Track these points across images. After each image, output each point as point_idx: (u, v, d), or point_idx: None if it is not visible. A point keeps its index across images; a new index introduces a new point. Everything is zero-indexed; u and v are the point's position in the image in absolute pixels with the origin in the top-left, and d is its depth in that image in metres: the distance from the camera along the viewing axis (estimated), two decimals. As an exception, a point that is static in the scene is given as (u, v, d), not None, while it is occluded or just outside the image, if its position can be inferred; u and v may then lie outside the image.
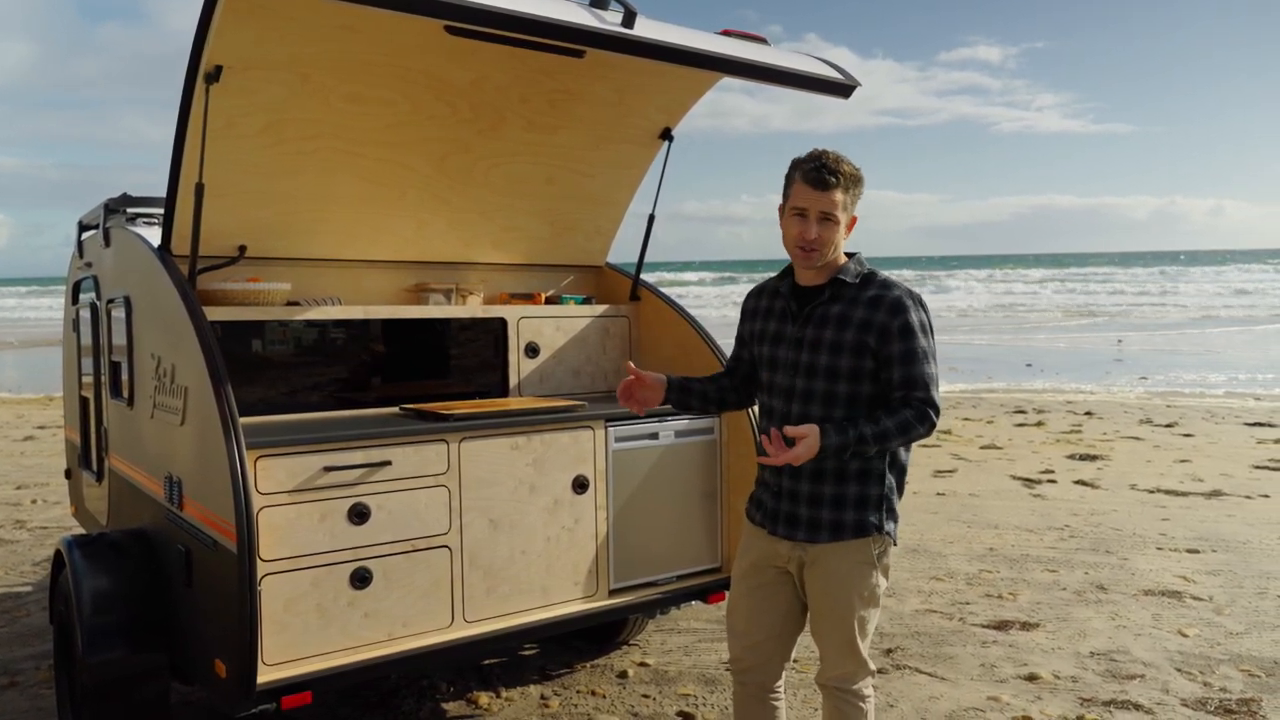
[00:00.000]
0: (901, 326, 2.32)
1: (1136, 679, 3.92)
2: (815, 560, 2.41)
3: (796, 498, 2.40)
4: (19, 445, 10.13)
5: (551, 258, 4.09)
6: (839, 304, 2.38)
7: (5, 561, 5.77)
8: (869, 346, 2.33)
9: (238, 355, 3.25)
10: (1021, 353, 19.90)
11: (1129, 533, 6.25)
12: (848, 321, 2.35)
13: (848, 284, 2.39)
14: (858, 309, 2.35)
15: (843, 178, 2.31)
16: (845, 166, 2.32)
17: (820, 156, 2.32)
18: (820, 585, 2.42)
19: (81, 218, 4.36)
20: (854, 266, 2.42)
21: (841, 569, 2.39)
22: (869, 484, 2.39)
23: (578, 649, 4.27)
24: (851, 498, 2.37)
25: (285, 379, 3.38)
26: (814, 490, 2.38)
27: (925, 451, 9.29)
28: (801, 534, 2.40)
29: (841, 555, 2.38)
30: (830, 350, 2.35)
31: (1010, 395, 13.70)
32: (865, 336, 2.33)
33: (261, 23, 2.72)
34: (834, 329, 2.35)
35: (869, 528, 2.38)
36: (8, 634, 4.54)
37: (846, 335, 2.34)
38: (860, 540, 2.38)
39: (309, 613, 2.73)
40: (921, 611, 4.78)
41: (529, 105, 3.43)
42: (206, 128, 2.85)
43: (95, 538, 3.30)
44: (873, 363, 2.35)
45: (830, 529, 2.37)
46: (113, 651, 2.96)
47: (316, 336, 3.44)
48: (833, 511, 2.37)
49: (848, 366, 2.34)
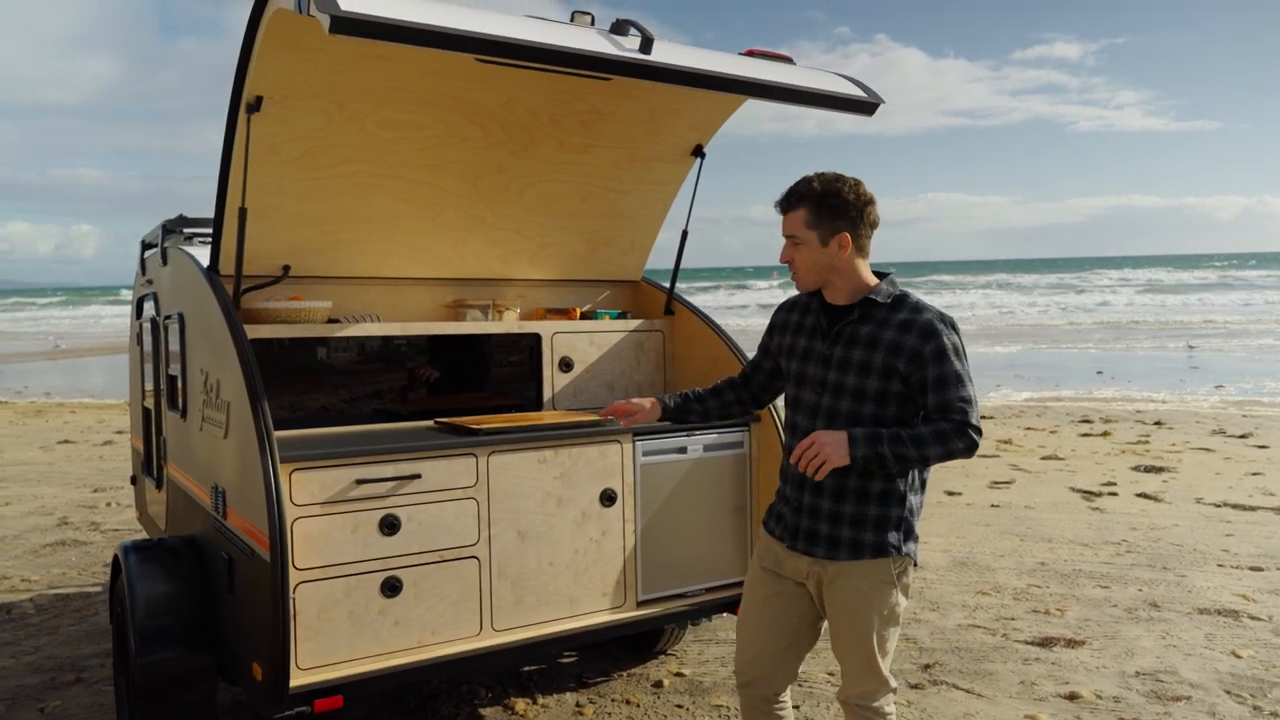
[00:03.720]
0: (934, 351, 2.29)
1: (1182, 700, 3.83)
2: (834, 578, 2.42)
3: (817, 514, 2.41)
4: (98, 449, 10.61)
5: (587, 273, 4.16)
6: (869, 324, 2.36)
7: (79, 562, 6.07)
8: (897, 370, 2.31)
9: (280, 371, 3.39)
10: (1092, 359, 19.38)
11: (1189, 548, 6.07)
12: (877, 343, 2.33)
13: (878, 304, 2.37)
14: (888, 331, 2.33)
15: (799, 198, 2.32)
16: (815, 185, 2.32)
17: (800, 179, 2.34)
18: (840, 603, 2.42)
19: (144, 236, 4.59)
20: (886, 287, 2.40)
21: (862, 587, 2.39)
22: (890, 505, 2.38)
23: (615, 657, 4.33)
24: (872, 518, 2.37)
25: (326, 394, 3.51)
26: (835, 508, 2.38)
27: (982, 462, 9.14)
28: (821, 551, 2.40)
29: (861, 574, 2.39)
30: (858, 371, 2.34)
31: (1077, 404, 13.37)
32: (894, 360, 2.31)
33: (297, 55, 2.85)
34: (863, 349, 2.34)
35: (888, 548, 2.37)
36: (77, 631, 4.79)
37: (875, 357, 2.33)
38: (879, 560, 2.38)
39: (341, 620, 2.84)
40: (964, 626, 4.72)
41: (560, 126, 3.51)
42: (249, 155, 3.00)
43: (150, 543, 3.47)
44: (900, 386, 2.33)
45: (850, 547, 2.37)
46: (164, 653, 3.11)
47: (356, 352, 3.57)
48: (852, 530, 2.37)
49: (875, 388, 2.33)
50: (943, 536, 6.49)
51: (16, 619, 5.00)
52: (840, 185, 2.33)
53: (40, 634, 4.76)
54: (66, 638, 4.70)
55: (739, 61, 3.00)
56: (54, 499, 7.99)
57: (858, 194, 2.34)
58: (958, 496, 7.73)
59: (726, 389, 2.76)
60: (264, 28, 2.69)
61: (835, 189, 2.32)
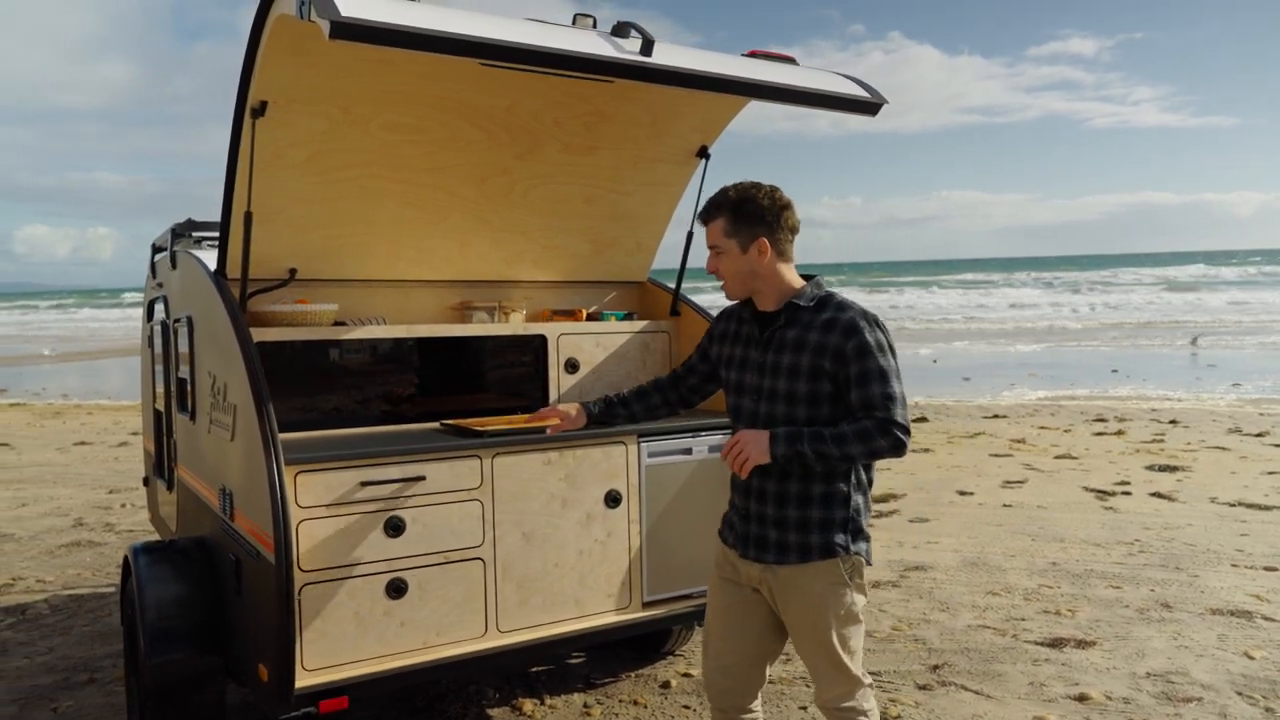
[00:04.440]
0: (856, 347, 2.31)
1: (1193, 702, 3.80)
2: (786, 583, 2.43)
3: (764, 520, 2.44)
4: (114, 450, 10.70)
5: (593, 274, 4.17)
6: (795, 328, 2.40)
7: (94, 563, 6.13)
8: (825, 370, 2.34)
9: (287, 373, 3.41)
10: (1108, 357, 19.26)
11: (1203, 548, 6.03)
12: (803, 345, 2.37)
13: (802, 308, 2.41)
14: (812, 332, 2.37)
15: (717, 208, 2.38)
16: (729, 194, 2.39)
17: (719, 191, 2.40)
18: (795, 608, 2.44)
19: (154, 241, 4.63)
20: (810, 290, 2.44)
21: (814, 589, 2.41)
22: (833, 507, 2.40)
23: (623, 658, 4.33)
24: (816, 521, 2.39)
25: (332, 396, 3.53)
26: (779, 514, 2.41)
27: (995, 462, 9.10)
28: (771, 556, 2.43)
29: (812, 576, 2.41)
30: (788, 375, 2.37)
31: (1092, 403, 13.29)
32: (820, 360, 2.34)
33: (301, 60, 2.87)
34: (790, 353, 2.38)
35: (835, 549, 2.40)
36: (91, 632, 4.83)
37: (802, 359, 2.36)
38: (828, 561, 2.40)
39: (346, 621, 2.86)
40: (974, 627, 4.70)
41: (564, 128, 3.52)
42: (255, 159, 3.02)
43: (159, 545, 3.50)
44: (830, 386, 2.35)
45: (798, 551, 2.40)
46: (173, 654, 3.13)
47: (362, 355, 3.59)
48: (798, 534, 2.40)
49: (805, 391, 2.36)
50: (954, 536, 6.47)
51: (31, 619, 5.05)
52: (755, 192, 2.38)
53: (54, 634, 4.81)
54: (80, 638, 4.75)
55: (741, 63, 3.00)
56: (70, 500, 8.06)
57: (773, 199, 2.39)
58: (969, 496, 7.70)
59: (653, 392, 2.80)
60: (267, 33, 2.71)
61: (750, 196, 2.38)
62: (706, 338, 2.71)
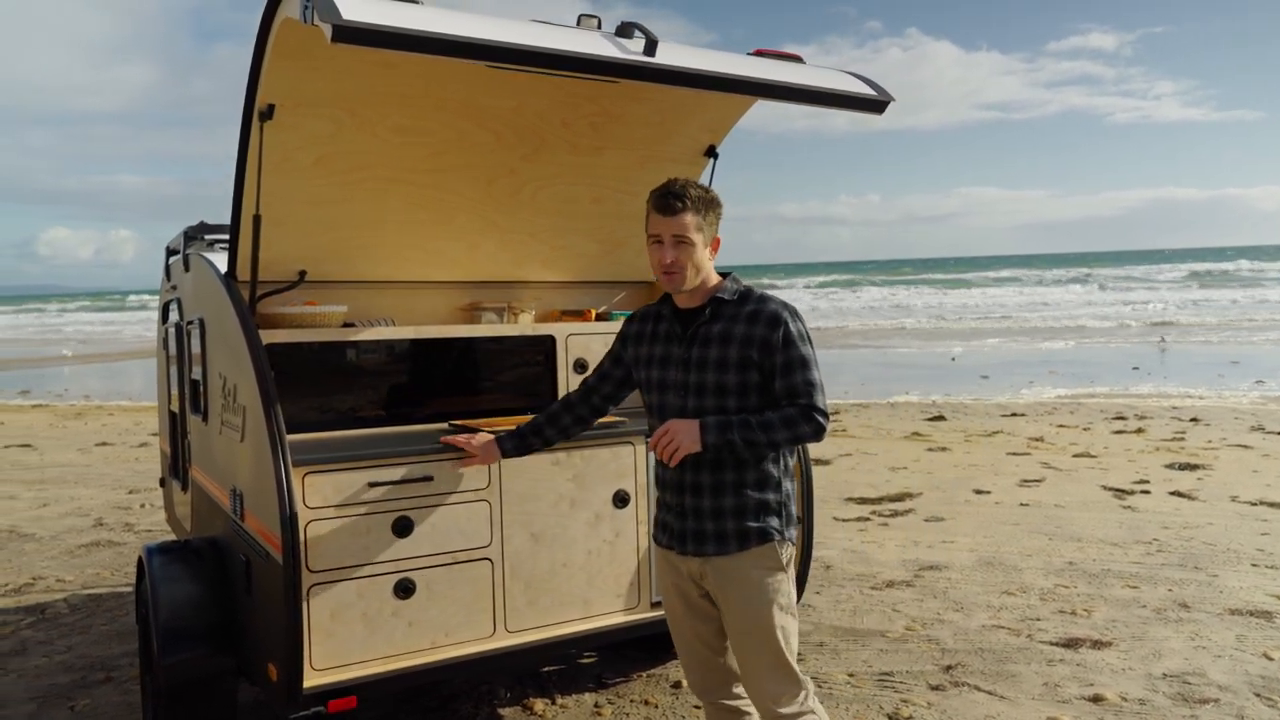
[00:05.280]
0: (782, 337, 2.40)
1: (1210, 703, 3.76)
2: (725, 573, 2.46)
3: (700, 514, 2.46)
4: (134, 451, 10.80)
5: (602, 274, 4.17)
6: (720, 322, 2.46)
7: (113, 562, 6.19)
8: (752, 360, 2.41)
9: (297, 375, 3.43)
10: (1129, 355, 19.08)
11: (1222, 548, 5.96)
12: (730, 338, 2.43)
13: (726, 301, 2.49)
14: (738, 325, 2.44)
15: (689, 200, 2.41)
16: (692, 190, 2.42)
17: (669, 184, 2.43)
18: (736, 598, 2.45)
19: (168, 243, 4.67)
20: (731, 285, 2.51)
21: (753, 577, 2.44)
22: (767, 490, 2.46)
23: (634, 658, 4.33)
24: (752, 505, 2.44)
25: (342, 397, 3.55)
26: (715, 504, 2.45)
27: (1012, 460, 9.04)
28: (711, 548, 2.46)
29: (751, 563, 2.45)
30: (716, 368, 2.43)
31: (1111, 400, 13.16)
32: (748, 351, 2.41)
33: (307, 63, 2.88)
34: (718, 347, 2.44)
35: (772, 533, 2.45)
36: (108, 631, 4.88)
37: (730, 352, 2.42)
38: (766, 546, 2.45)
39: (355, 621, 2.88)
40: (988, 627, 4.67)
41: (570, 129, 3.52)
42: (263, 162, 3.04)
43: (172, 545, 3.53)
44: (758, 376, 2.43)
45: (737, 539, 2.44)
46: (184, 654, 3.16)
47: (371, 356, 3.60)
48: (735, 521, 2.44)
49: (735, 382, 2.42)
50: (969, 536, 6.43)
51: (50, 618, 5.11)
52: (714, 193, 2.48)
53: (73, 633, 4.87)
54: (98, 637, 4.80)
55: (746, 62, 2.99)
56: (90, 500, 8.15)
57: (720, 202, 2.51)
58: (986, 495, 7.65)
59: (563, 413, 2.83)
60: (273, 36, 2.73)
61: (713, 196, 2.47)
62: (619, 342, 2.74)
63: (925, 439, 10.45)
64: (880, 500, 7.60)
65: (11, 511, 7.79)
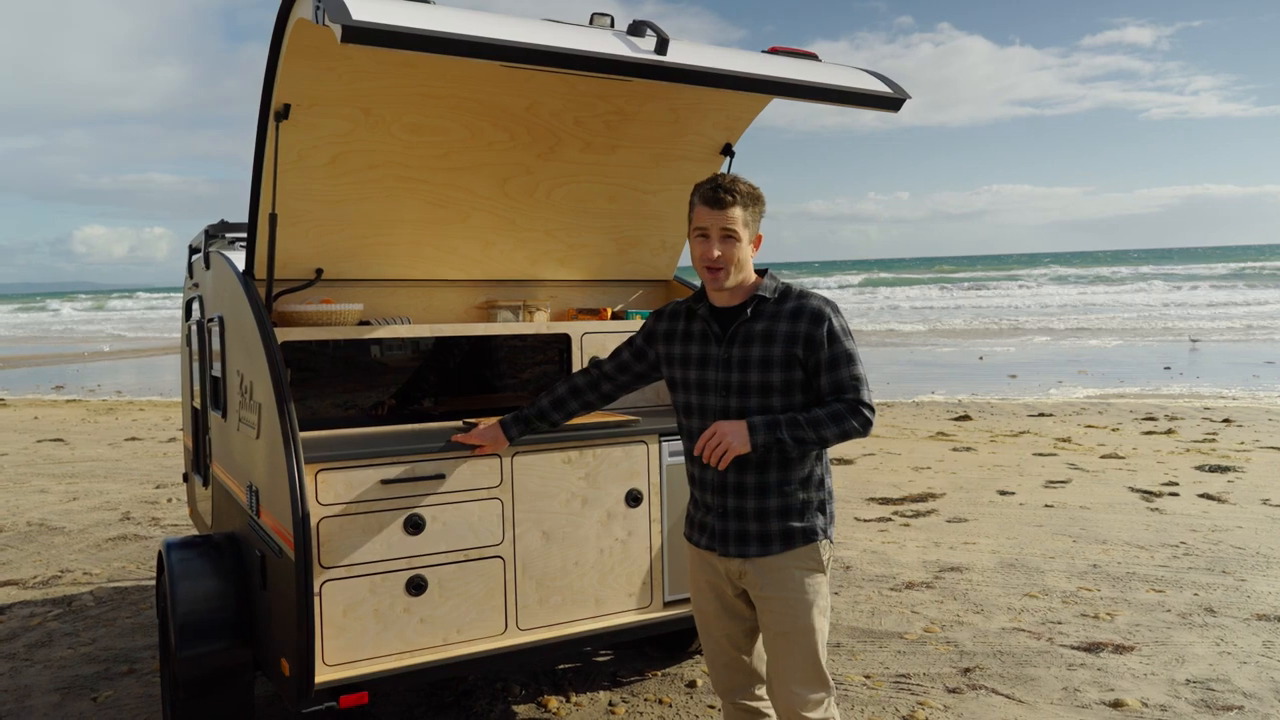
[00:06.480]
0: (826, 333, 2.39)
1: (1234, 710, 3.69)
2: (769, 572, 2.43)
3: (744, 514, 2.44)
4: (163, 446, 10.95)
5: (618, 273, 4.17)
6: (762, 320, 2.43)
7: (138, 556, 6.28)
8: (798, 358, 2.39)
9: (313, 372, 3.45)
10: (1161, 354, 18.80)
11: (1251, 551, 5.86)
12: (774, 336, 2.41)
13: (767, 300, 2.45)
14: (781, 323, 2.42)
15: (739, 195, 2.38)
16: (741, 185, 2.40)
17: (717, 178, 2.41)
18: (777, 599, 2.43)
19: (191, 242, 4.72)
20: (770, 282, 2.49)
21: (796, 577, 2.42)
22: (811, 489, 2.45)
23: (649, 657, 4.33)
24: (797, 505, 2.42)
25: (357, 395, 3.57)
26: (760, 505, 2.42)
27: (1038, 461, 8.93)
28: (754, 549, 2.43)
29: (795, 563, 2.43)
30: (760, 367, 2.40)
31: (1142, 401, 12.97)
32: (793, 348, 2.39)
33: (322, 63, 2.90)
34: (761, 345, 2.41)
35: (816, 533, 2.43)
36: (132, 624, 4.95)
37: (774, 350, 2.40)
38: (810, 546, 2.43)
39: (367, 618, 2.89)
40: (1008, 630, 4.62)
41: (585, 128, 3.52)
42: (279, 161, 3.07)
43: (192, 540, 3.57)
44: (802, 373, 2.41)
45: (781, 539, 2.42)
46: (201, 647, 3.20)
47: (386, 354, 3.62)
48: (780, 521, 2.42)
49: (780, 380, 2.39)
50: (992, 537, 6.36)
51: (76, 611, 5.19)
52: (759, 190, 2.46)
53: (98, 626, 4.94)
54: (122, 630, 4.87)
55: (760, 60, 2.97)
56: (119, 494, 8.27)
57: (764, 199, 2.49)
58: (1011, 496, 7.56)
59: (570, 399, 2.84)
60: (288, 37, 2.75)
61: (759, 193, 2.45)
62: (644, 338, 2.72)
63: (950, 439, 10.35)
64: (902, 500, 7.54)
65: (42, 505, 7.92)
